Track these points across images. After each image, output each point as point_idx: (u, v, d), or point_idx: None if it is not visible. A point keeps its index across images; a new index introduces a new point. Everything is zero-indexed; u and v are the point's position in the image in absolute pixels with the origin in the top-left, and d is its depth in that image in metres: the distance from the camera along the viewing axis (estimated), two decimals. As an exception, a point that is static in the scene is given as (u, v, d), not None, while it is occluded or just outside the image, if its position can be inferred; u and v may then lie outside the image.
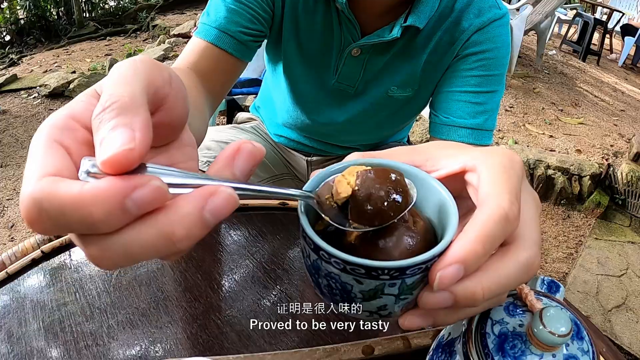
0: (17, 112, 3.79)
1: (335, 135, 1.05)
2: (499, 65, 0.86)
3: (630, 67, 6.75)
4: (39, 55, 6.10)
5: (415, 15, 0.81)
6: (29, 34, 7.00)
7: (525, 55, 5.26)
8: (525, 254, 0.32)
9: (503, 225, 0.30)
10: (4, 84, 4.34)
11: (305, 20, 0.86)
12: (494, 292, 0.31)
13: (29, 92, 4.18)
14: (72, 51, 6.09)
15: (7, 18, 7.25)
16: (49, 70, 5.13)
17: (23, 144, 3.24)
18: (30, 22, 7.04)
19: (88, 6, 7.53)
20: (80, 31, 6.85)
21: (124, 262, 0.25)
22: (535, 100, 3.96)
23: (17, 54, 6.33)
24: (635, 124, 4.05)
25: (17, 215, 2.50)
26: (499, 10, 0.85)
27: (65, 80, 4.00)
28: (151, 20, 6.85)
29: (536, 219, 0.35)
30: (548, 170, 2.72)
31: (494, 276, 0.31)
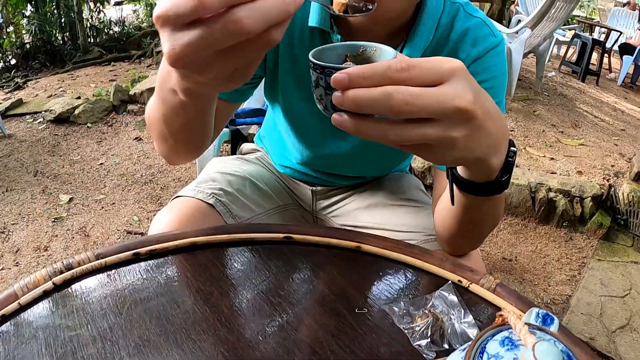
0: (22, 136, 3.83)
1: (339, 166, 1.07)
2: (498, 93, 0.87)
3: (629, 86, 6.79)
4: (44, 80, 6.16)
5: (410, 47, 0.83)
6: (34, 58, 7.08)
7: (525, 78, 5.29)
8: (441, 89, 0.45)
9: (385, 68, 0.44)
10: (10, 108, 4.39)
11: (302, 55, 0.88)
12: (366, 104, 0.44)
13: (34, 116, 4.22)
14: (77, 76, 6.15)
15: (13, 42, 7.34)
16: (54, 95, 5.19)
17: (28, 169, 3.26)
18: (36, 47, 7.13)
19: (93, 32, 7.62)
20: (85, 56, 6.93)
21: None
22: (536, 123, 3.98)
23: (23, 77, 6.39)
24: (635, 143, 4.06)
25: (22, 239, 2.51)
26: (495, 39, 0.87)
27: (71, 105, 4.04)
28: (155, 47, 6.93)
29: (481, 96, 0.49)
30: (549, 193, 2.74)
31: (371, 90, 0.44)
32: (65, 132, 3.83)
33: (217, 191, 0.98)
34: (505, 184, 0.62)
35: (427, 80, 0.45)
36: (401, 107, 0.44)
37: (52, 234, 2.54)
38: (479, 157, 0.53)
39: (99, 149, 3.54)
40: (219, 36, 0.38)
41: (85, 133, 3.80)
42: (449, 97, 0.45)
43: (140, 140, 3.64)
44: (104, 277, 0.73)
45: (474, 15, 0.87)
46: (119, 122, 3.97)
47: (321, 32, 0.85)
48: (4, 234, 2.56)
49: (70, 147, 3.58)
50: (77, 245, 2.44)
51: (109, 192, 2.94)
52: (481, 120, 0.48)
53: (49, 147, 3.61)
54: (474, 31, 0.85)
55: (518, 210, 2.78)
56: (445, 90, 0.45)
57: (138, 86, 4.33)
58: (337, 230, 0.86)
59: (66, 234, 2.54)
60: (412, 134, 0.46)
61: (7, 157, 3.46)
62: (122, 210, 2.73)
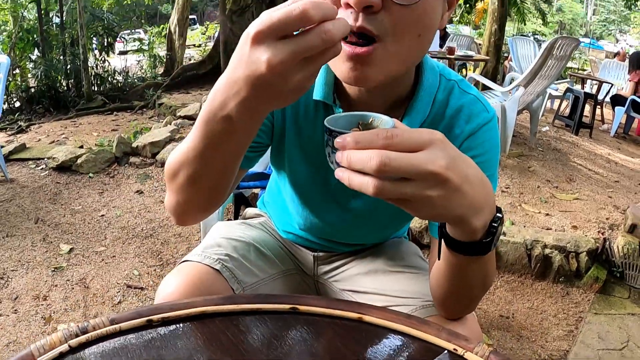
0: (24, 182, 3.87)
1: (340, 233, 1.12)
2: (490, 166, 0.92)
3: (622, 136, 6.92)
4: (47, 125, 6.24)
5: (407, 121, 0.88)
6: (38, 102, 7.19)
7: (519, 134, 5.39)
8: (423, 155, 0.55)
9: (373, 136, 0.54)
10: (13, 152, 4.47)
11: (306, 127, 0.94)
12: (354, 163, 0.54)
13: (37, 162, 4.28)
14: (80, 124, 6.24)
15: (19, 85, 7.47)
16: (56, 141, 5.26)
17: (29, 215, 3.28)
18: (41, 91, 7.26)
19: (97, 80, 7.77)
20: (88, 104, 7.05)
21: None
22: (531, 179, 4.04)
23: (26, 121, 6.47)
24: (629, 194, 4.11)
25: (21, 287, 2.52)
26: (487, 114, 0.92)
27: (73, 154, 4.10)
28: (157, 98, 7.04)
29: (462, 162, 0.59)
30: (545, 250, 2.77)
31: (358, 152, 0.54)
32: (67, 181, 3.88)
33: (223, 257, 1.02)
34: (488, 245, 0.68)
35: (407, 147, 0.55)
36: (380, 167, 0.53)
37: (52, 283, 2.55)
38: (458, 215, 0.61)
39: (100, 200, 3.58)
40: (315, 43, 0.53)
41: (87, 183, 3.85)
42: (422, 161, 0.54)
43: (142, 193, 3.69)
44: (117, 341, 0.76)
45: (468, 92, 0.93)
46: (120, 173, 4.02)
47: (325, 105, 0.91)
48: (3, 280, 2.57)
49: (72, 196, 3.62)
50: (76, 297, 2.45)
51: (109, 244, 2.96)
52: (456, 183, 0.57)
53: (51, 194, 3.65)
54: (468, 108, 0.91)
55: (514, 267, 2.81)
56: (421, 156, 0.55)
57: (140, 139, 4.40)
58: (340, 301, 0.90)
59: (66, 284, 2.55)
60: (391, 189, 0.55)
61: (9, 202, 3.49)
62: (122, 264, 2.75)
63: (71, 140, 5.25)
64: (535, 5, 16.94)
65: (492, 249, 0.70)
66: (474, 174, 0.61)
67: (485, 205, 0.64)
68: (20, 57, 7.84)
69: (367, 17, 0.68)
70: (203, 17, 34.14)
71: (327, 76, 0.89)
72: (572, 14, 45.04)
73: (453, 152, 0.58)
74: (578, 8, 46.12)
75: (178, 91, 7.94)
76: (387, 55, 0.71)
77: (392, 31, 0.69)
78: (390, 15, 0.68)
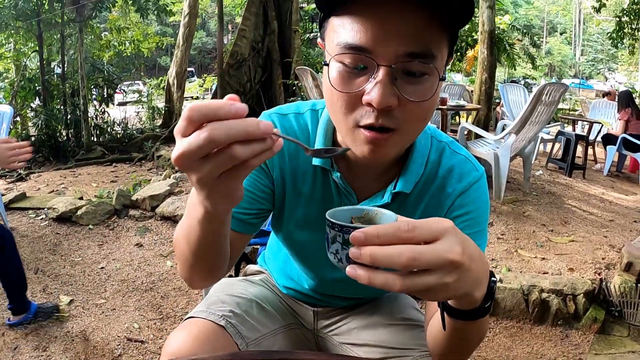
0: (24, 231, 3.90)
1: (339, 289, 1.16)
2: (481, 221, 0.98)
3: (615, 175, 6.98)
4: (47, 174, 6.30)
5: (402, 181, 0.94)
6: (38, 151, 7.25)
7: (513, 180, 5.45)
8: (435, 246, 0.58)
9: (395, 230, 0.57)
10: (14, 201, 4.54)
11: (305, 192, 1.00)
12: (381, 260, 0.55)
13: (37, 212, 4.33)
14: (79, 174, 6.30)
15: (19, 133, 7.56)
16: (56, 191, 5.32)
17: (29, 265, 3.30)
18: (40, 140, 7.33)
19: (96, 131, 7.88)
20: (87, 154, 7.13)
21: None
22: (526, 224, 4.07)
23: (26, 169, 6.52)
24: (624, 232, 4.14)
25: (21, 336, 2.52)
26: (477, 172, 0.99)
27: (73, 205, 4.15)
28: (156, 150, 7.13)
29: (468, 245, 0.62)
30: (542, 294, 2.79)
31: (385, 248, 0.56)
32: (67, 232, 3.91)
33: (227, 313, 1.06)
34: (488, 309, 0.74)
35: (427, 238, 0.58)
36: (410, 262, 0.56)
37: (52, 334, 2.55)
38: (465, 292, 0.65)
39: (100, 252, 3.60)
40: (198, 145, 0.56)
41: (86, 234, 3.88)
42: (444, 251, 0.58)
43: (141, 246, 3.72)
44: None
45: (459, 152, 1.00)
46: (120, 226, 4.06)
47: (323, 170, 0.97)
48: (3, 329, 2.56)
49: (72, 247, 3.64)
50: (76, 349, 2.45)
51: (109, 297, 2.97)
52: (467, 265, 0.61)
53: (51, 245, 3.67)
54: (459, 167, 0.98)
55: (512, 313, 2.82)
56: (441, 247, 0.58)
57: (140, 192, 4.46)
58: (340, 356, 0.94)
59: (66, 336, 2.55)
60: (416, 283, 0.58)
61: (9, 251, 3.51)
62: (122, 317, 2.75)
63: (70, 191, 5.31)
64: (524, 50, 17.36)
65: (490, 310, 0.75)
66: (476, 251, 0.66)
67: (485, 277, 0.70)
68: (22, 105, 7.98)
69: (385, 114, 0.77)
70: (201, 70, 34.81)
71: (325, 143, 0.96)
72: (560, 55, 46.13)
73: (461, 236, 0.63)
74: (566, 50, 47.26)
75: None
76: (400, 139, 0.82)
77: (406, 123, 0.79)
78: (405, 112, 0.78)
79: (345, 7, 0.76)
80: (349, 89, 0.77)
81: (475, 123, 7.32)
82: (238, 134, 0.56)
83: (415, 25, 0.74)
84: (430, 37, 0.75)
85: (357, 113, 0.79)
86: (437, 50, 0.76)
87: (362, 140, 0.80)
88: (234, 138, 0.56)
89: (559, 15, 51.11)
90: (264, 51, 9.45)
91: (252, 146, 0.57)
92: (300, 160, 0.98)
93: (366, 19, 0.74)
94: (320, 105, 1.01)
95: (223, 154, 0.56)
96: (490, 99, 7.22)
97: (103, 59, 9.60)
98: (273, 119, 1.00)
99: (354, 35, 0.75)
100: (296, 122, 1.00)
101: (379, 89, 0.74)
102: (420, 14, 0.73)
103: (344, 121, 0.81)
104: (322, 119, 0.98)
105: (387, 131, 0.78)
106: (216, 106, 0.56)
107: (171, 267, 3.38)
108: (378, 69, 0.74)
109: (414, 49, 0.74)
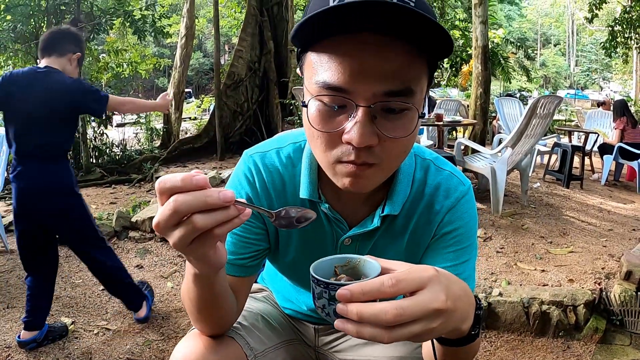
0: (24, 253, 3.90)
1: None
2: (470, 236, 1.00)
3: (613, 184, 7.00)
4: (46, 197, 6.28)
5: (390, 204, 0.96)
6: (37, 172, 7.25)
7: (511, 193, 5.47)
8: (418, 298, 0.61)
9: (379, 285, 0.60)
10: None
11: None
12: (367, 318, 0.59)
13: (36, 234, 4.32)
14: (79, 196, 6.29)
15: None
16: (55, 214, 5.30)
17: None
18: (39, 162, 7.33)
19: (95, 152, 7.90)
20: (86, 176, 7.12)
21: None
22: (525, 237, 4.08)
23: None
24: (623, 241, 4.14)
25: (26, 357, 2.51)
26: (463, 187, 1.00)
27: (74, 227, 4.14)
28: (155, 172, 7.14)
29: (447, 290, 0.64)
30: (542, 306, 2.80)
31: (371, 306, 0.59)
32: (67, 254, 3.89)
33: (235, 325, 1.07)
34: (477, 334, 0.77)
35: (411, 289, 0.62)
36: (395, 319, 0.59)
37: (55, 356, 2.55)
38: (452, 328, 0.68)
39: (100, 273, 3.59)
40: (166, 215, 0.61)
41: (87, 256, 3.87)
42: (428, 302, 0.61)
43: (142, 268, 3.71)
44: None
45: (444, 168, 1.02)
46: (120, 247, 4.05)
47: (311, 202, 0.99)
48: (5, 353, 2.56)
49: (72, 269, 3.64)
50: (78, 372, 2.45)
51: (110, 318, 2.97)
52: (452, 308, 0.64)
53: (51, 267, 3.66)
54: (445, 184, 0.99)
55: (513, 326, 2.82)
56: (425, 297, 0.61)
57: (140, 213, 4.46)
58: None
59: (67, 358, 2.54)
60: (403, 333, 0.61)
61: (9, 273, 3.52)
62: (124, 339, 2.75)
63: (69, 213, 5.29)
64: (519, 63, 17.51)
65: (479, 334, 0.79)
66: (460, 289, 0.68)
67: (471, 309, 0.73)
68: (22, 127, 7.97)
69: (365, 151, 0.77)
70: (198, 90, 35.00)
71: (310, 176, 0.97)
72: (555, 67, 46.46)
73: (445, 280, 0.65)
74: (561, 61, 47.61)
75: (175, 164, 8.07)
76: (380, 171, 0.82)
77: (387, 158, 0.80)
78: (385, 148, 0.78)
79: (322, 44, 0.75)
80: (328, 127, 0.78)
81: (471, 137, 7.37)
82: (198, 204, 0.60)
83: (394, 63, 0.73)
84: (409, 74, 0.75)
85: (337, 150, 0.79)
86: (416, 85, 0.76)
87: (344, 173, 0.81)
88: (195, 208, 0.60)
89: (552, 27, 51.61)
90: (260, 71, 9.52)
91: (212, 215, 0.62)
92: (288, 196, 1.00)
93: (344, 57, 0.73)
94: (301, 137, 1.02)
95: (187, 223, 0.61)
96: (486, 114, 7.28)
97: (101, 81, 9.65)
98: (254, 159, 1.01)
99: (332, 75, 0.74)
100: (277, 158, 1.01)
101: (359, 128, 0.74)
102: (400, 51, 0.73)
103: (324, 158, 0.82)
104: (306, 152, 0.99)
105: (368, 165, 0.79)
106: (179, 179, 0.61)
107: (172, 288, 3.38)
108: (357, 109, 0.74)
109: (393, 87, 0.74)
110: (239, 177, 1.01)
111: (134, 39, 10.23)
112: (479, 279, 3.18)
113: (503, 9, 43.15)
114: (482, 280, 3.16)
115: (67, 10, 7.42)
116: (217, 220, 0.62)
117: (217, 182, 5.71)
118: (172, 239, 0.63)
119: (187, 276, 0.83)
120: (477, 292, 2.88)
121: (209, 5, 21.40)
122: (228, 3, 14.90)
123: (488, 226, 4.25)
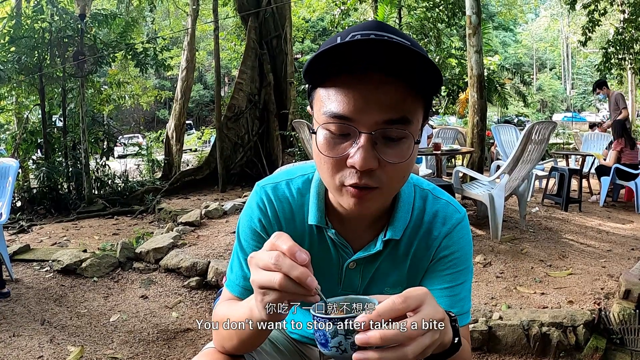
0: (29, 282, 3.95)
1: None
2: (466, 260, 1.09)
3: (611, 205, 7.03)
4: (49, 227, 6.34)
5: (392, 229, 1.05)
6: (40, 203, 7.33)
7: (510, 218, 5.51)
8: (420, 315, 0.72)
9: (391, 305, 0.71)
10: (18, 253, 4.64)
11: (304, 247, 1.09)
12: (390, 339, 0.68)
13: (41, 264, 4.40)
14: (81, 226, 6.36)
15: (21, 185, 7.64)
16: (58, 243, 5.37)
17: (35, 316, 3.33)
18: (42, 193, 7.43)
19: (97, 183, 7.98)
20: (89, 207, 7.20)
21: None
22: (524, 261, 4.11)
23: (28, 221, 6.59)
24: (622, 261, 4.16)
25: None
26: (459, 214, 1.10)
27: (78, 258, 4.21)
28: (157, 203, 7.21)
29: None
30: (542, 328, 2.82)
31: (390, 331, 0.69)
32: (72, 284, 3.95)
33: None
34: (459, 343, 0.87)
35: (416, 304, 0.74)
36: (412, 333, 0.70)
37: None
38: (441, 342, 0.79)
39: (105, 304, 3.63)
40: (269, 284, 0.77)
41: (91, 287, 3.92)
42: (432, 314, 0.74)
43: (147, 298, 3.75)
44: None
45: (441, 197, 1.12)
46: (124, 278, 4.11)
47: (318, 228, 1.07)
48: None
49: (78, 299, 3.68)
50: (85, 402, 2.47)
51: (117, 347, 3.00)
52: (446, 318, 0.78)
53: (56, 296, 3.71)
54: (442, 211, 1.09)
55: (514, 349, 2.84)
56: (428, 311, 0.74)
57: (144, 245, 4.52)
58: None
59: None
60: (418, 347, 0.71)
61: (14, 302, 3.56)
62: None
63: (73, 243, 5.36)
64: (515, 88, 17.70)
65: (461, 345, 0.89)
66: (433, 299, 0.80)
67: (447, 320, 0.81)
68: (23, 157, 8.09)
69: (368, 175, 0.87)
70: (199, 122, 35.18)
71: (318, 204, 1.06)
72: (552, 91, 46.85)
73: (429, 297, 0.77)
74: (557, 84, 48.03)
75: (177, 196, 8.16)
76: (381, 195, 0.92)
77: (387, 182, 0.90)
78: (385, 172, 0.89)
79: (330, 81, 0.87)
80: (334, 153, 0.88)
81: (469, 165, 7.45)
82: (297, 292, 0.77)
83: (393, 96, 0.85)
84: (406, 106, 0.86)
85: (342, 174, 0.89)
86: (412, 116, 0.87)
87: (348, 195, 0.90)
88: (292, 295, 0.77)
89: (547, 52, 52.21)
90: (260, 103, 9.68)
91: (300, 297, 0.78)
92: (297, 223, 1.09)
93: (349, 91, 0.85)
94: (310, 169, 1.12)
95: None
96: (483, 141, 7.37)
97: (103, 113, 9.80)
98: (266, 189, 1.11)
99: (338, 106, 0.86)
100: (287, 189, 1.11)
101: (361, 153, 0.85)
102: (397, 86, 0.85)
103: (332, 181, 0.92)
104: (314, 182, 1.09)
105: (370, 189, 0.89)
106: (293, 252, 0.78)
107: (177, 318, 3.41)
108: (360, 135, 0.85)
109: (392, 116, 0.85)
110: (252, 206, 1.10)
111: (135, 71, 10.43)
112: (480, 303, 3.21)
113: (498, 35, 43.87)
114: (482, 304, 3.19)
115: (71, 42, 7.60)
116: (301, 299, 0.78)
117: (220, 213, 5.77)
118: (270, 297, 0.79)
119: (242, 311, 0.92)
120: (478, 317, 2.91)
121: (209, 38, 21.75)
122: (228, 36, 15.19)
123: (488, 252, 4.28)
